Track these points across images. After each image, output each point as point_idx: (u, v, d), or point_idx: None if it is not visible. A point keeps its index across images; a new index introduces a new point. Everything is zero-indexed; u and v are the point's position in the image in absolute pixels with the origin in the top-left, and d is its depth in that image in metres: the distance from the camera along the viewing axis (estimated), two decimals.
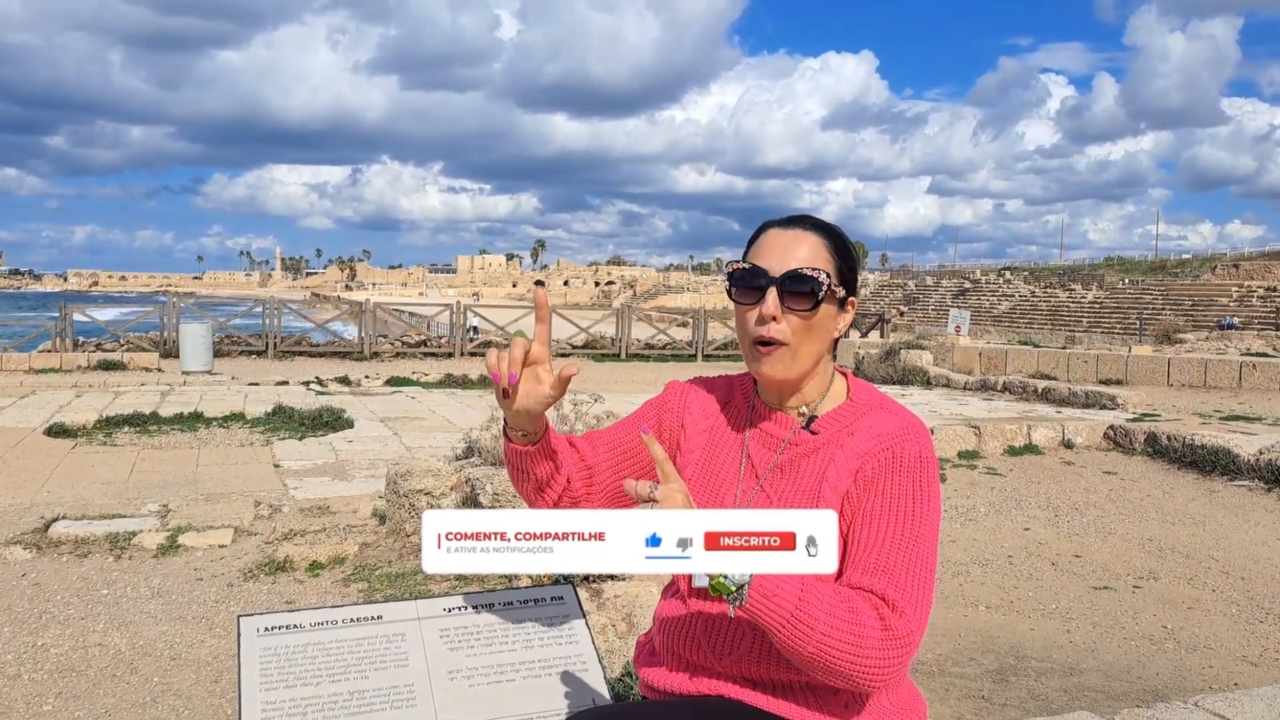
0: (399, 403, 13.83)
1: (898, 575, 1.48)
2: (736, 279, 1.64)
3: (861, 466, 1.59)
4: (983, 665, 4.31)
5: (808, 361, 1.65)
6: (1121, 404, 12.14)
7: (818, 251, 1.63)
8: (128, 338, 23.21)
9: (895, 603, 1.45)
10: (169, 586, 5.10)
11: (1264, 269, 57.08)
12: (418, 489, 5.57)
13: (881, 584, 1.47)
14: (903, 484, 1.56)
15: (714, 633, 1.65)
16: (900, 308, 66.64)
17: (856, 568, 1.51)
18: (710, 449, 1.76)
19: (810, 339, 1.63)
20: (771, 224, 1.69)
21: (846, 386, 1.73)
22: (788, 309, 1.60)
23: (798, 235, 1.64)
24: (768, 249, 1.64)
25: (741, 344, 1.69)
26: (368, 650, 2.04)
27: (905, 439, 1.60)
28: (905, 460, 1.58)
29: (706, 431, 1.78)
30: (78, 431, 10.42)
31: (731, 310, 1.73)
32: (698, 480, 1.74)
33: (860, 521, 1.56)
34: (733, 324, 1.74)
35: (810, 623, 1.37)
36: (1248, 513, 7.17)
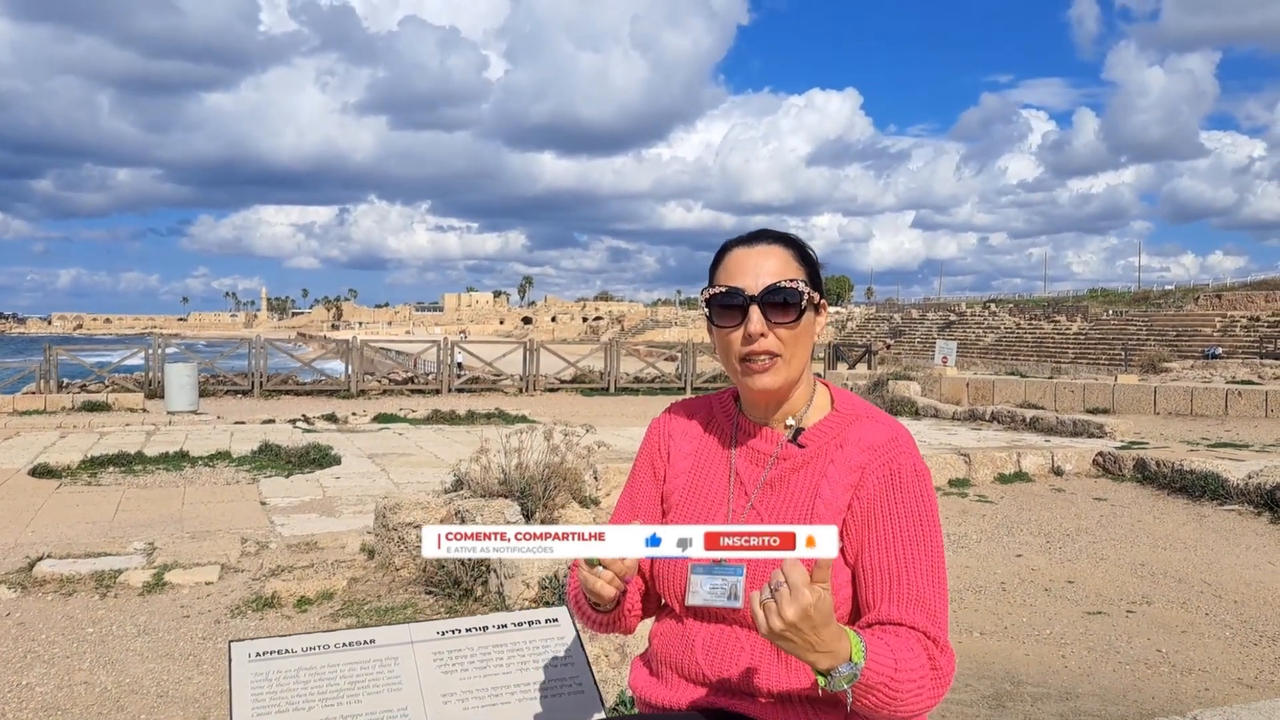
0: (386, 439, 13.76)
1: (932, 605, 1.51)
2: (715, 303, 1.64)
3: (860, 483, 1.59)
4: (979, 691, 4.28)
5: (798, 369, 1.65)
6: (1109, 432, 12.18)
7: (787, 262, 1.64)
8: (112, 379, 23.06)
9: (937, 638, 1.48)
10: (155, 624, 5.03)
11: (1246, 299, 57.51)
12: (407, 522, 5.52)
13: (923, 618, 1.49)
14: (908, 503, 1.57)
15: (712, 648, 1.64)
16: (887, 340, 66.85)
17: (893, 600, 1.52)
18: (696, 471, 1.76)
19: (798, 347, 1.64)
20: (733, 244, 1.69)
21: (830, 397, 1.74)
22: (773, 323, 1.60)
23: (764, 250, 1.65)
24: (738, 268, 1.63)
25: (728, 365, 1.68)
26: (360, 674, 2.01)
27: (898, 451, 1.61)
28: (904, 477, 1.58)
29: (691, 454, 1.78)
30: (62, 472, 10.32)
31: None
32: (685, 503, 1.74)
33: (875, 546, 1.56)
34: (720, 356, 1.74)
35: (897, 694, 1.39)
36: (1239, 537, 7.18)
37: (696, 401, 1.87)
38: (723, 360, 1.69)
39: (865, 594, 1.56)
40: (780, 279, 1.60)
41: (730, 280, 1.63)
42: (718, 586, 1.67)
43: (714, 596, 1.65)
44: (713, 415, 1.81)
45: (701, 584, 1.66)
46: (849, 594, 1.58)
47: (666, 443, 1.82)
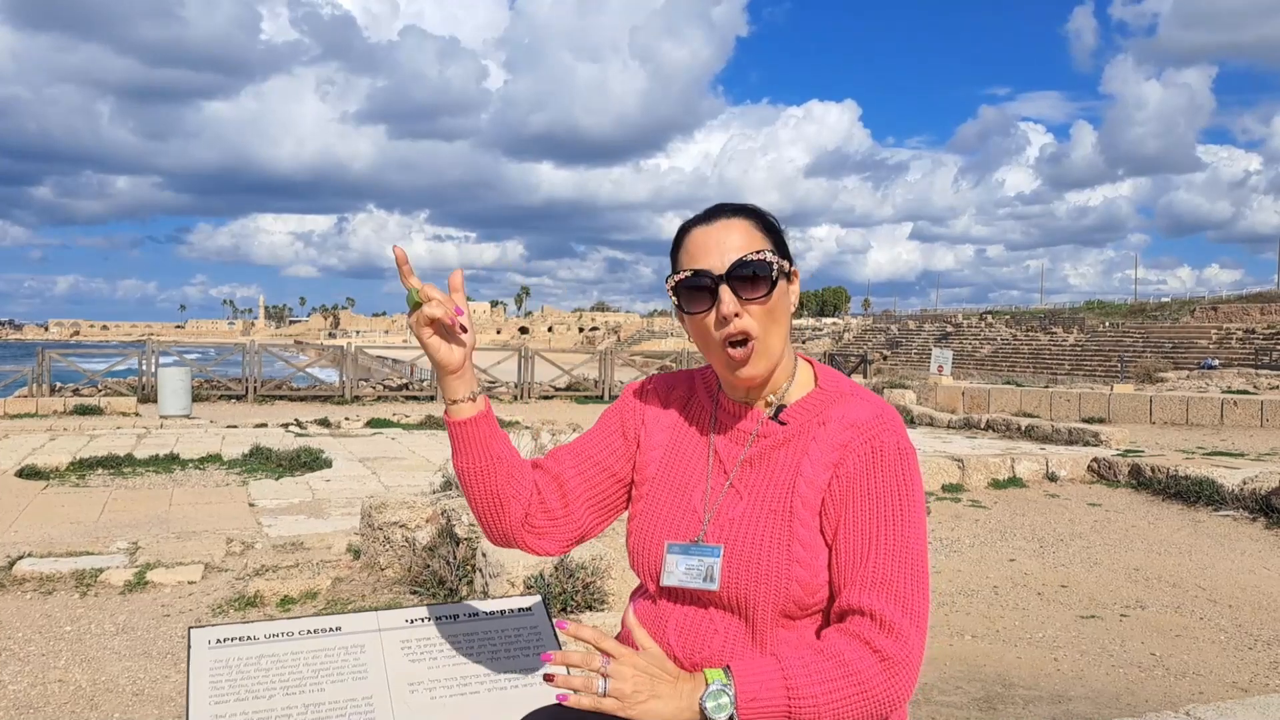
0: (378, 443, 13.68)
1: (897, 587, 1.44)
2: (683, 289, 1.56)
3: (841, 460, 1.53)
4: (969, 694, 4.22)
5: (778, 348, 1.58)
6: (1105, 441, 12.12)
7: (750, 234, 1.56)
8: (105, 383, 22.97)
9: (893, 623, 1.41)
10: (134, 623, 4.96)
11: (1241, 311, 57.56)
12: (393, 521, 5.46)
13: (882, 601, 1.43)
14: (887, 481, 1.50)
15: (685, 631, 1.58)
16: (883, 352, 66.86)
17: (855, 585, 1.46)
18: (674, 447, 1.69)
19: (775, 324, 1.56)
20: (691, 224, 1.60)
21: (813, 374, 1.67)
22: (745, 300, 1.52)
23: (724, 225, 1.56)
24: (700, 249, 1.55)
25: (708, 354, 1.60)
26: (324, 662, 1.95)
27: (882, 429, 1.54)
28: (885, 454, 1.51)
29: (669, 429, 1.71)
30: (50, 473, 10.24)
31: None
32: (662, 479, 1.67)
33: (848, 527, 1.49)
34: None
35: (810, 703, 1.35)
36: (1234, 541, 7.12)
37: (678, 375, 1.80)
38: (702, 349, 1.61)
39: (834, 578, 1.49)
40: (746, 252, 1.52)
41: (694, 262, 1.54)
42: (694, 567, 1.60)
43: (689, 578, 1.59)
44: (693, 391, 1.74)
45: (677, 564, 1.60)
46: (826, 579, 1.52)
47: (643, 409, 1.75)
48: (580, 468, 1.71)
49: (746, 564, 1.52)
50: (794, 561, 1.50)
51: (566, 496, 1.69)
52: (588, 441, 1.75)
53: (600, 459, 1.72)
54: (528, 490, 1.68)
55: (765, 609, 1.51)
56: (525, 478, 1.68)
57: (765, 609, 1.51)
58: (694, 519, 1.60)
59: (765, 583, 1.51)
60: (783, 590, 1.50)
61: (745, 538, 1.54)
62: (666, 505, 1.64)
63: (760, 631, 1.52)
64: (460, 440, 1.64)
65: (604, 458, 1.72)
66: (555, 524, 1.70)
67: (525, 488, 1.68)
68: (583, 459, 1.73)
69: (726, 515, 1.58)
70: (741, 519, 1.56)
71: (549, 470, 1.71)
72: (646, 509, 1.66)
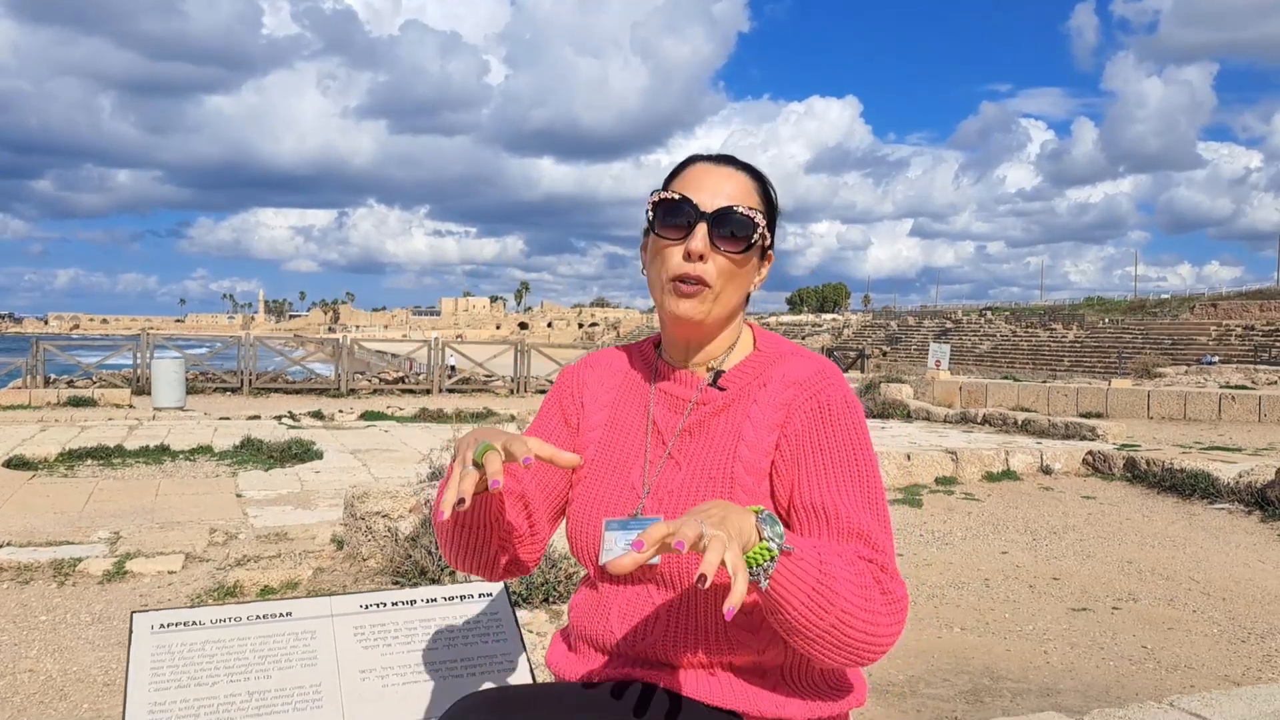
0: (371, 436, 13.61)
1: (874, 536, 1.37)
2: (662, 210, 1.48)
3: (787, 419, 1.46)
4: (956, 686, 4.15)
5: (725, 309, 1.50)
6: (1101, 435, 12.03)
7: (749, 192, 1.49)
8: (100, 375, 22.91)
9: (885, 565, 1.35)
10: (111, 613, 4.88)
11: (1241, 308, 57.47)
12: (375, 511, 5.38)
13: (866, 550, 1.36)
14: (841, 435, 1.44)
15: (628, 616, 1.49)
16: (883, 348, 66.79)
17: (830, 537, 1.38)
18: (612, 424, 1.60)
19: (734, 285, 1.49)
20: (699, 158, 1.54)
21: (753, 337, 1.60)
22: (717, 248, 1.45)
23: (729, 172, 1.50)
24: (696, 182, 1.48)
25: (655, 284, 1.51)
26: (272, 648, 1.88)
27: (825, 383, 1.47)
28: (834, 408, 1.45)
29: (608, 406, 1.63)
30: (38, 464, 10.16)
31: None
32: (600, 459, 1.58)
33: (808, 485, 1.42)
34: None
35: (831, 594, 1.24)
36: (1228, 535, 7.05)
37: (616, 350, 1.71)
38: (651, 277, 1.52)
39: (800, 535, 1.41)
40: (739, 204, 1.46)
41: (687, 191, 1.47)
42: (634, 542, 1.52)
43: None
44: (631, 364, 1.66)
45: (616, 540, 1.51)
46: None
47: (580, 390, 1.66)
48: (538, 478, 1.60)
49: None
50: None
51: (531, 516, 1.59)
52: (535, 434, 1.64)
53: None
54: (522, 528, 1.58)
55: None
56: (512, 521, 1.55)
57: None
58: (632, 495, 1.52)
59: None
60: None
61: (684, 507, 1.46)
62: (604, 484, 1.56)
63: (704, 612, 1.45)
64: (453, 526, 1.51)
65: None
66: (526, 551, 1.60)
67: (521, 528, 1.57)
68: (538, 465, 1.62)
69: (665, 488, 1.50)
70: (680, 489, 1.48)
71: (511, 491, 1.59)
72: (584, 491, 1.58)
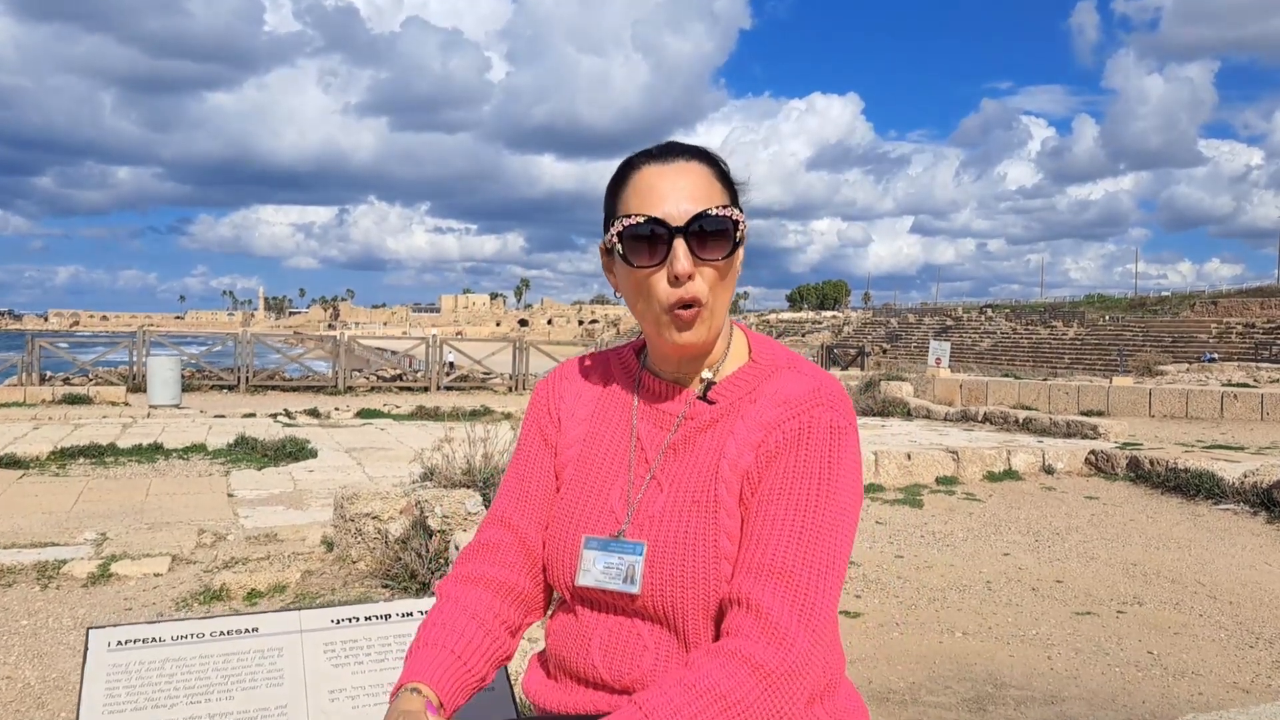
0: (367, 434, 13.51)
1: (795, 579, 1.23)
2: (629, 238, 1.33)
3: (765, 440, 1.33)
4: (958, 694, 4.04)
5: (721, 318, 1.38)
6: (1103, 434, 11.92)
7: (709, 181, 1.35)
8: (96, 372, 22.79)
9: (777, 625, 1.21)
10: (94, 617, 4.78)
11: (1242, 306, 57.37)
12: (365, 512, 5.28)
13: (771, 594, 1.23)
14: (809, 460, 1.30)
15: (611, 649, 1.38)
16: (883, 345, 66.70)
17: (745, 569, 1.26)
18: (591, 440, 1.47)
19: (724, 289, 1.36)
20: (641, 160, 1.38)
21: (747, 345, 1.46)
22: (700, 260, 1.31)
23: (680, 167, 1.35)
24: (652, 192, 1.33)
25: (646, 316, 1.36)
26: (236, 667, 1.77)
27: (816, 404, 1.34)
28: (814, 431, 1.31)
29: (586, 420, 1.50)
30: (29, 462, 10.05)
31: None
32: (580, 476, 1.46)
33: (756, 508, 1.30)
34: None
35: None
36: (1234, 536, 6.94)
37: (593, 358, 1.58)
38: (638, 309, 1.37)
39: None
40: (708, 205, 1.31)
41: (646, 207, 1.31)
42: (612, 565, 1.40)
43: (607, 578, 1.38)
44: (610, 374, 1.53)
45: (595, 561, 1.40)
46: None
47: (557, 406, 1.53)
48: (535, 515, 1.48)
49: (670, 565, 1.33)
50: (721, 558, 1.30)
51: (533, 567, 1.47)
52: (525, 475, 1.52)
53: (544, 495, 1.49)
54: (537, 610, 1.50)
55: (696, 616, 1.32)
56: (507, 640, 1.45)
57: (696, 616, 1.32)
58: (611, 518, 1.40)
59: (692, 586, 1.31)
60: (712, 593, 1.31)
61: (667, 535, 1.34)
62: (582, 504, 1.44)
63: (694, 645, 1.33)
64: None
65: (547, 489, 1.49)
66: (532, 612, 1.50)
67: (510, 641, 1.47)
68: (530, 501, 1.49)
69: (646, 512, 1.38)
70: (661, 514, 1.36)
71: (518, 532, 1.48)
72: (561, 511, 1.46)
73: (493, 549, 1.48)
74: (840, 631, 4.98)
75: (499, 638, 1.43)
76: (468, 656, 1.38)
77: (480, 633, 1.40)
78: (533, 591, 1.48)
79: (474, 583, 1.46)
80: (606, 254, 1.41)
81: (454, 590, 1.46)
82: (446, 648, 1.37)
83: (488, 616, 1.42)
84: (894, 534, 6.92)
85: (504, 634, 1.44)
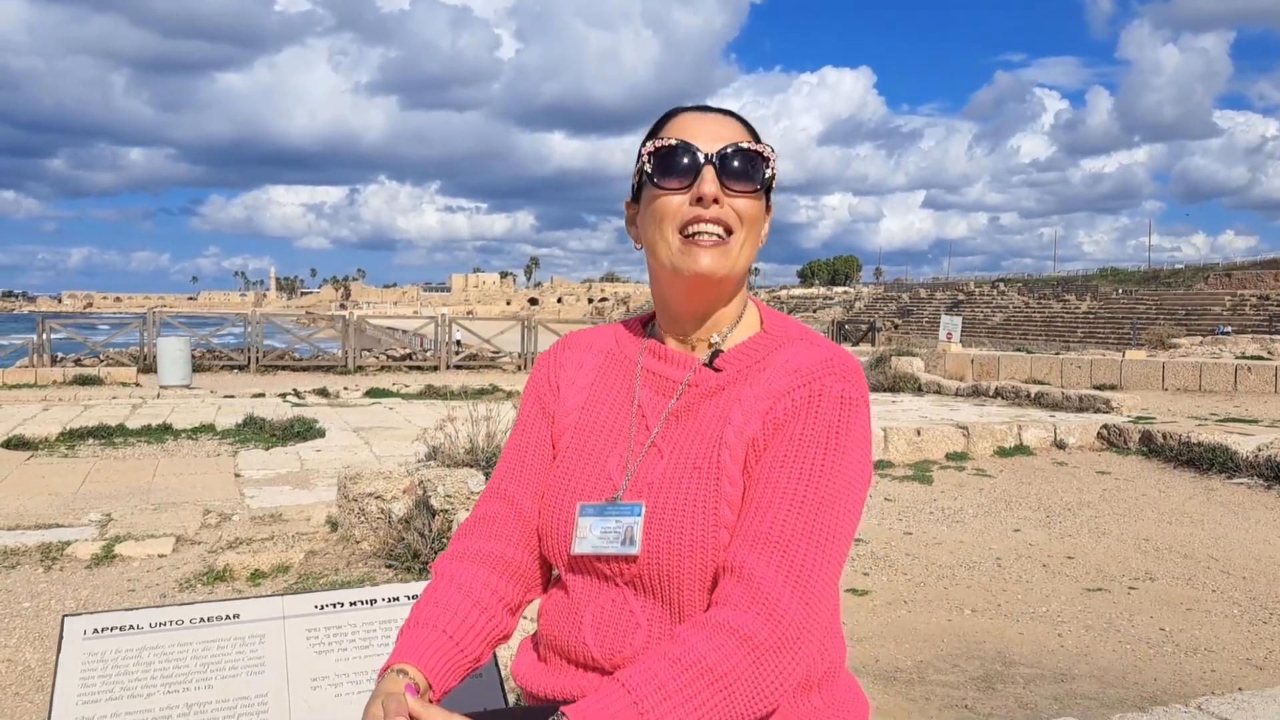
0: (375, 413, 13.48)
1: (793, 549, 1.19)
2: (658, 160, 1.31)
3: (773, 407, 1.28)
4: (967, 672, 3.99)
5: (746, 260, 1.34)
6: (1116, 408, 11.81)
7: (743, 132, 1.35)
8: (107, 353, 22.83)
9: (769, 595, 1.16)
10: (97, 598, 4.76)
11: (1256, 278, 56.81)
12: (368, 492, 5.24)
13: (766, 563, 1.18)
14: (817, 429, 1.25)
15: (603, 626, 1.33)
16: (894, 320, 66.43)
17: (741, 537, 1.22)
18: (590, 406, 1.43)
19: (751, 234, 1.33)
20: (682, 109, 1.38)
21: (760, 316, 1.42)
22: (728, 190, 1.29)
23: (719, 118, 1.35)
24: (688, 129, 1.32)
25: (658, 245, 1.32)
26: (216, 655, 1.72)
27: (828, 373, 1.28)
28: (825, 399, 1.26)
29: (587, 387, 1.45)
30: (38, 444, 10.05)
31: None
32: (577, 443, 1.41)
33: (759, 476, 1.25)
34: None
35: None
36: (1247, 511, 6.86)
37: (598, 329, 1.54)
38: (651, 236, 1.33)
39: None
40: (744, 141, 1.31)
41: (680, 136, 1.31)
42: (610, 530, 1.34)
43: (604, 542, 1.33)
44: (616, 342, 1.48)
45: (591, 528, 1.34)
46: None
47: (556, 375, 1.48)
48: (532, 486, 1.44)
49: (667, 531, 1.28)
50: (720, 526, 1.26)
51: (531, 540, 1.43)
52: (522, 446, 1.47)
53: (541, 465, 1.45)
54: (535, 588, 1.46)
55: (692, 587, 1.27)
56: (504, 619, 1.41)
57: (692, 587, 1.27)
58: (609, 484, 1.35)
59: (689, 553, 1.26)
60: (710, 562, 1.26)
61: (665, 501, 1.29)
62: (579, 471, 1.39)
63: (688, 619, 1.28)
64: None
65: (544, 459, 1.45)
66: (533, 588, 1.46)
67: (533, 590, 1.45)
68: (527, 472, 1.45)
69: (645, 479, 1.33)
70: (661, 480, 1.31)
71: (515, 505, 1.44)
72: (557, 478, 1.41)
73: (490, 522, 1.45)
74: (848, 609, 4.89)
75: (496, 615, 1.39)
76: (460, 636, 1.34)
77: (475, 611, 1.37)
78: (531, 566, 1.45)
79: (470, 559, 1.42)
80: (631, 203, 1.40)
81: (449, 568, 1.43)
82: (438, 627, 1.34)
83: (484, 594, 1.39)
84: (903, 511, 6.86)
85: (502, 612, 1.40)
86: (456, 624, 1.33)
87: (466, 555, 1.42)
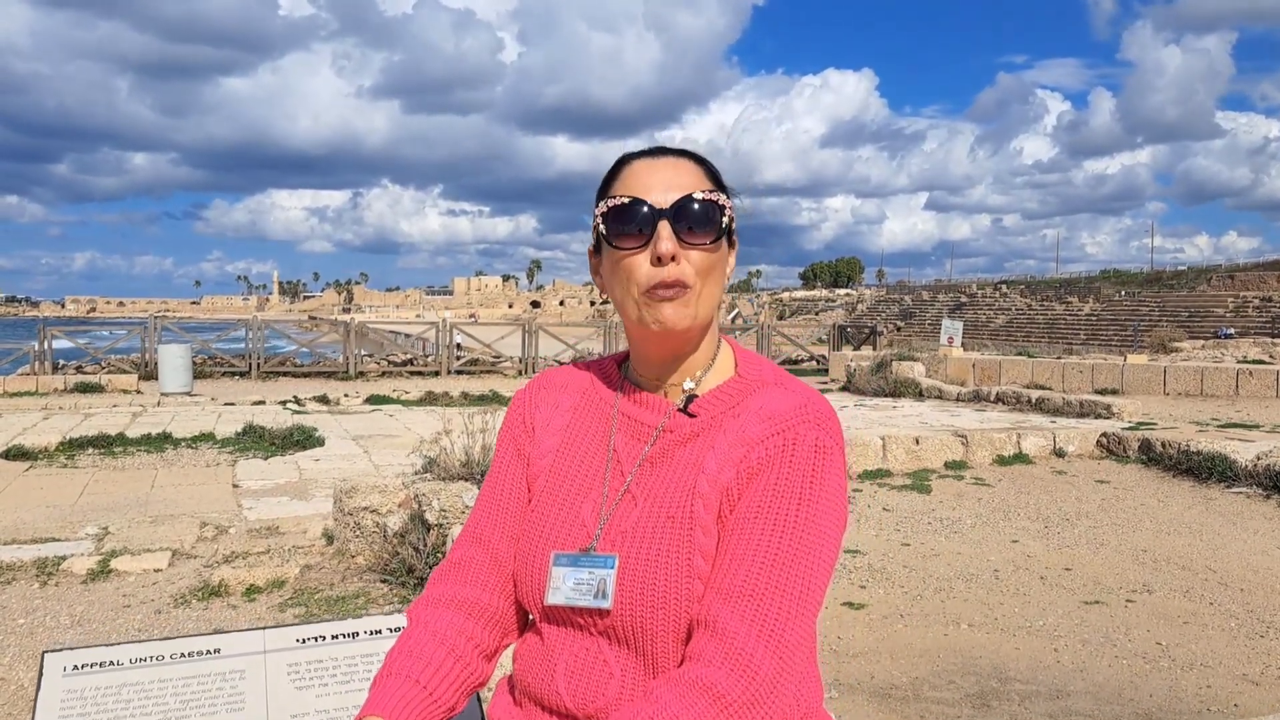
0: (375, 421, 13.49)
1: (766, 604, 1.17)
2: (613, 219, 1.29)
3: (746, 456, 1.27)
4: (962, 689, 3.97)
5: (708, 309, 1.32)
6: (1117, 413, 11.81)
7: (698, 178, 1.31)
8: (108, 360, 22.83)
9: (742, 650, 1.15)
10: (92, 615, 4.75)
11: (1259, 279, 56.75)
12: (363, 506, 5.23)
13: (739, 618, 1.17)
14: (790, 480, 1.23)
15: (576, 675, 1.31)
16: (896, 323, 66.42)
17: (715, 590, 1.20)
18: (565, 450, 1.41)
19: (712, 280, 1.30)
20: (632, 156, 1.35)
21: (734, 359, 1.40)
22: (686, 244, 1.27)
23: (670, 163, 1.32)
24: (639, 181, 1.30)
25: (624, 302, 1.31)
26: (196, 691, 1.70)
27: (802, 421, 1.27)
28: (798, 449, 1.25)
29: (562, 430, 1.43)
30: (38, 454, 10.06)
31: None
32: (551, 488, 1.39)
33: (732, 527, 1.24)
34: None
35: None
36: (1246, 521, 6.84)
37: (575, 367, 1.52)
38: (617, 295, 1.33)
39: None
40: (697, 190, 1.28)
41: (632, 192, 1.29)
42: (583, 582, 1.33)
43: (577, 594, 1.32)
44: (591, 383, 1.47)
45: (564, 578, 1.33)
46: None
47: (531, 416, 1.47)
48: (508, 530, 1.42)
49: (641, 583, 1.26)
50: (694, 577, 1.24)
51: (507, 585, 1.41)
52: (497, 489, 1.45)
53: (517, 508, 1.43)
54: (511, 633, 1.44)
55: (666, 639, 1.25)
56: (482, 664, 1.39)
57: (666, 639, 1.25)
58: (583, 532, 1.34)
59: (663, 606, 1.25)
60: (684, 614, 1.24)
61: (639, 553, 1.28)
62: (553, 518, 1.37)
63: (662, 672, 1.27)
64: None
65: (520, 502, 1.43)
66: (509, 633, 1.44)
67: (485, 664, 1.41)
68: (502, 516, 1.43)
69: (619, 527, 1.32)
70: (634, 529, 1.30)
71: (491, 549, 1.42)
72: (531, 525, 1.40)
73: (465, 567, 1.43)
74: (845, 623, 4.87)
75: (471, 663, 1.37)
76: (434, 686, 1.32)
77: (450, 660, 1.35)
78: (507, 611, 1.43)
79: (444, 605, 1.41)
80: (594, 253, 1.38)
81: (423, 614, 1.41)
82: (411, 677, 1.32)
83: (459, 641, 1.37)
84: (901, 521, 6.85)
85: (477, 659, 1.38)
86: (430, 673, 1.32)
87: (442, 601, 1.41)
